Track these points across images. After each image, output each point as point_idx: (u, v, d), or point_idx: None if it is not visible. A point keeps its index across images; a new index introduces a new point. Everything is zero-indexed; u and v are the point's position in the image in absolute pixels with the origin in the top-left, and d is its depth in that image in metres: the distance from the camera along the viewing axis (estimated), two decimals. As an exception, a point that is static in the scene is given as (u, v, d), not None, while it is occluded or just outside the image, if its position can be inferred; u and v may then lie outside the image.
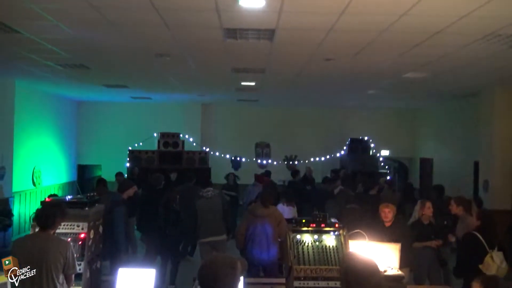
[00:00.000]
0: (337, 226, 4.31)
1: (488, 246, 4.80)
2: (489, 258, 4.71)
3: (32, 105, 11.00)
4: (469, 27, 5.05)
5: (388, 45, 5.94)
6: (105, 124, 13.79)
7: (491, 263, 4.70)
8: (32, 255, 3.66)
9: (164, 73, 8.48)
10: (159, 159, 11.39)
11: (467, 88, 9.56)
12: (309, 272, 3.97)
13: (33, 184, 10.93)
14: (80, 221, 4.30)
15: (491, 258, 4.70)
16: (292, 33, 5.50)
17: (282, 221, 5.78)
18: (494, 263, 4.69)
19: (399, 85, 9.28)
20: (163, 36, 5.72)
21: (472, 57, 6.52)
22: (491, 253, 4.73)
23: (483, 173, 9.64)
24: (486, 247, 4.78)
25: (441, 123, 12.84)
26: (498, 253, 4.76)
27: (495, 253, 4.74)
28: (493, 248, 4.80)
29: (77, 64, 7.66)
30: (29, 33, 5.64)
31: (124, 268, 4.38)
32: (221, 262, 2.29)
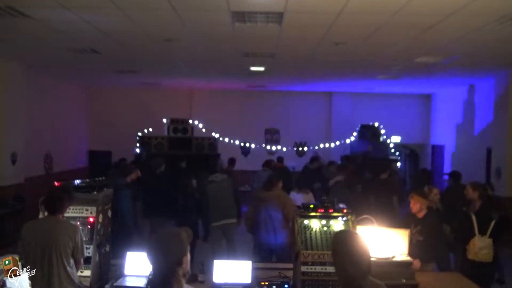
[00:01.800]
0: (345, 212, 4.27)
1: (479, 230, 4.99)
2: (472, 241, 4.99)
3: (43, 91, 11.07)
4: (483, 9, 4.91)
5: (399, 28, 5.81)
6: (115, 110, 13.86)
7: (471, 246, 4.99)
8: (42, 238, 3.70)
9: (173, 58, 8.44)
10: (168, 145, 11.41)
11: (481, 72, 9.37)
12: (317, 257, 3.94)
13: (45, 170, 11.05)
14: (89, 205, 4.30)
15: (473, 242, 4.97)
16: (301, 16, 5.41)
17: (287, 205, 5.75)
18: (474, 247, 4.96)
19: (411, 70, 9.13)
20: (172, 20, 5.66)
21: (486, 40, 6.36)
22: (476, 237, 4.97)
23: (496, 160, 9.49)
24: (475, 230, 5.00)
25: (453, 109, 12.64)
26: (485, 239, 4.94)
27: (480, 237, 4.95)
28: (484, 233, 4.95)
29: (86, 49, 7.65)
30: (39, 18, 5.62)
31: (133, 252, 4.42)
32: (166, 234, 2.41)
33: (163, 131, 11.92)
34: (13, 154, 9.23)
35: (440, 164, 13.02)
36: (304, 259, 3.95)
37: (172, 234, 2.39)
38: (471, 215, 5.13)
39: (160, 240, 2.36)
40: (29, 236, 3.74)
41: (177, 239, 2.33)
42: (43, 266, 3.67)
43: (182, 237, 2.34)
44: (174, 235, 2.37)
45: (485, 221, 5.04)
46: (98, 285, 4.20)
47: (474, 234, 5.00)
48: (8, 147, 9.10)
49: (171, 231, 2.46)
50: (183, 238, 2.34)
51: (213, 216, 6.63)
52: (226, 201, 6.70)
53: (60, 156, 11.89)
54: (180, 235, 2.34)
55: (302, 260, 3.95)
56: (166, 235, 2.42)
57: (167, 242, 2.33)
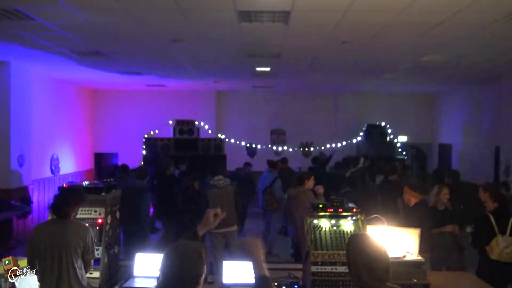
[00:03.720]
0: (355, 211, 4.24)
1: (499, 229, 4.88)
2: (495, 241, 4.84)
3: (49, 92, 11.11)
4: (490, 6, 4.87)
5: (406, 26, 5.77)
6: (121, 112, 13.90)
7: (494, 246, 4.85)
8: (52, 239, 3.69)
9: (179, 58, 8.43)
10: (175, 146, 11.41)
11: (489, 70, 9.29)
12: (327, 257, 3.91)
13: (52, 172, 11.09)
14: (97, 207, 4.31)
15: (496, 241, 4.83)
16: (307, 14, 5.38)
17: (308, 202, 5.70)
18: (498, 247, 4.82)
19: (417, 68, 9.07)
20: (177, 20, 5.65)
21: (494, 38, 6.30)
22: (498, 237, 4.83)
23: (505, 158, 9.41)
24: (496, 230, 4.88)
25: (461, 108, 12.55)
26: (508, 238, 4.83)
27: (502, 237, 4.84)
28: (504, 233, 4.85)
29: (92, 51, 7.65)
30: (43, 19, 5.63)
31: (141, 253, 4.41)
32: (186, 248, 2.25)
33: (169, 133, 11.93)
34: (20, 156, 9.26)
35: (447, 163, 12.93)
36: (314, 259, 3.92)
37: (192, 249, 2.23)
38: (488, 215, 5.02)
39: (179, 254, 2.20)
40: (38, 238, 3.72)
41: (197, 256, 2.18)
42: (53, 267, 3.67)
43: (202, 255, 2.19)
44: (194, 251, 2.21)
45: (503, 219, 4.94)
46: (107, 287, 4.20)
47: (495, 234, 4.87)
48: (15, 149, 9.13)
49: (191, 245, 2.29)
50: (203, 257, 2.20)
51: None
52: (228, 208, 6.36)
53: (66, 158, 11.93)
54: (201, 253, 2.20)
55: (312, 260, 3.92)
56: (186, 249, 2.24)
57: (186, 257, 2.18)
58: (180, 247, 2.26)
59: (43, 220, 9.16)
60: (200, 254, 2.19)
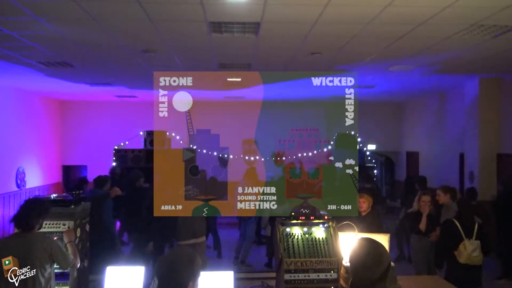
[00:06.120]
0: (326, 218, 4.30)
1: (465, 234, 5.02)
2: (462, 245, 4.98)
3: (14, 104, 10.80)
4: (453, 18, 5.08)
5: (373, 37, 5.95)
6: (90, 123, 13.64)
7: (462, 250, 4.98)
8: (16, 253, 3.55)
9: (150, 69, 8.37)
10: (146, 157, 11.26)
11: (452, 79, 9.65)
12: (299, 265, 3.94)
13: (18, 186, 10.74)
14: (66, 220, 4.19)
15: (464, 246, 4.96)
16: (277, 26, 5.48)
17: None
18: (466, 250, 4.95)
19: (384, 78, 9.33)
20: (147, 31, 5.64)
21: (456, 48, 6.57)
22: (465, 241, 4.97)
23: (468, 164, 9.75)
24: (462, 234, 5.01)
25: (426, 116, 12.95)
26: (474, 242, 4.99)
27: (469, 241, 4.98)
28: (470, 237, 5.00)
29: (60, 62, 7.52)
30: (8, 29, 5.50)
31: (112, 267, 4.31)
32: (180, 255, 2.31)
33: (140, 144, 11.77)
34: (-17, 170, 8.95)
35: (415, 170, 13.28)
36: (287, 266, 3.95)
37: (185, 255, 2.29)
38: (453, 220, 5.17)
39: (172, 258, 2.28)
40: (2, 253, 3.60)
41: (188, 261, 2.24)
42: (19, 283, 3.54)
43: (194, 262, 2.25)
44: (188, 256, 2.28)
45: (469, 224, 5.09)
46: (76, 302, 4.08)
47: (462, 239, 5.00)
48: (-22, 163, 8.82)
49: (185, 252, 2.36)
50: (195, 263, 2.25)
51: (181, 234, 6.26)
52: (197, 219, 6.28)
53: (33, 171, 11.58)
54: (193, 260, 2.26)
55: (285, 268, 3.94)
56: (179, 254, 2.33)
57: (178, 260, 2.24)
58: (173, 253, 2.41)
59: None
60: (192, 259, 2.24)
